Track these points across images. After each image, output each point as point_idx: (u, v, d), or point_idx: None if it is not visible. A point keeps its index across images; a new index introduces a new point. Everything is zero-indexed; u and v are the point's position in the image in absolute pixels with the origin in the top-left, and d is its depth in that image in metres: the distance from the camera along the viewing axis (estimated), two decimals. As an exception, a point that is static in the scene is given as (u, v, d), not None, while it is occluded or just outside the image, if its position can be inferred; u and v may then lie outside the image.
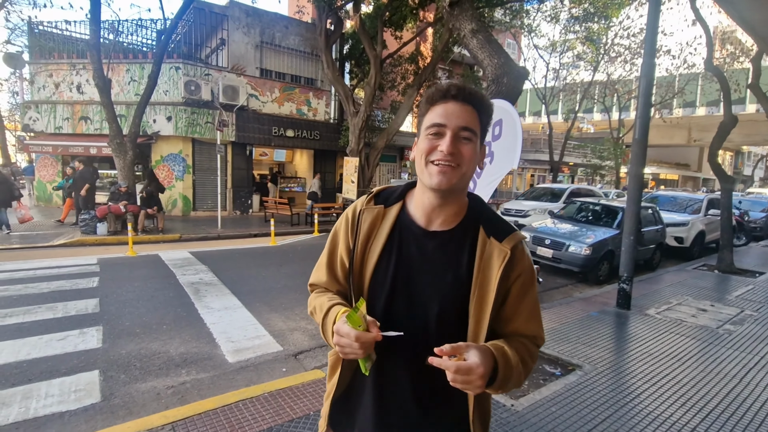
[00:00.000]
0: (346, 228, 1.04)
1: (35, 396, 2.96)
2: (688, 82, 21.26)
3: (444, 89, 0.91)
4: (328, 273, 1.07)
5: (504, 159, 2.30)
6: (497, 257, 0.93)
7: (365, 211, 1.02)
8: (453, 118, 0.89)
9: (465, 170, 0.91)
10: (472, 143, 0.90)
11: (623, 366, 3.64)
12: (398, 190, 1.04)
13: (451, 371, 0.79)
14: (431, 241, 0.96)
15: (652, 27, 4.90)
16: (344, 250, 1.03)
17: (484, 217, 0.99)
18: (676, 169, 38.69)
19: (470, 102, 0.90)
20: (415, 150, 0.96)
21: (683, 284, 6.73)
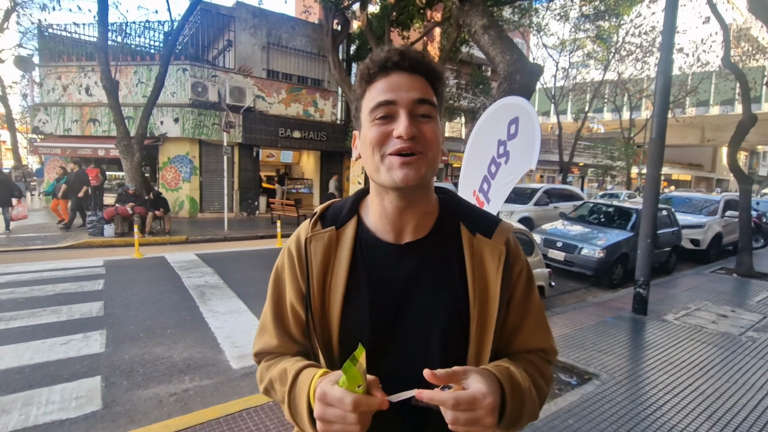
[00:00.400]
0: (291, 268, 0.79)
1: (36, 403, 2.89)
2: (702, 80, 20.87)
3: (382, 58, 0.70)
4: (278, 333, 0.80)
5: (521, 159, 2.18)
6: (492, 256, 0.75)
7: (313, 240, 0.77)
8: (403, 91, 0.68)
9: (432, 157, 0.70)
10: (433, 120, 0.70)
11: (642, 375, 3.48)
12: (347, 204, 0.81)
13: (449, 407, 0.57)
14: (408, 256, 0.75)
15: (670, 22, 4.73)
16: (295, 298, 0.78)
17: (462, 211, 0.80)
18: (689, 169, 38.04)
19: (419, 70, 0.71)
20: (359, 146, 0.74)
21: (701, 288, 6.51)
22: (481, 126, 2.48)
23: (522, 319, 0.79)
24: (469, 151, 2.60)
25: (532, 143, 2.09)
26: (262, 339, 0.83)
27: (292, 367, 0.73)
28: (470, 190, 2.52)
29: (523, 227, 5.18)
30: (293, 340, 0.81)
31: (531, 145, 2.09)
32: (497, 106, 2.35)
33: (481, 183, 2.43)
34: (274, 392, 0.78)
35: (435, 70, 0.73)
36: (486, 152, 2.39)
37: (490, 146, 2.36)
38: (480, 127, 2.49)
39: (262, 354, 0.84)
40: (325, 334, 0.75)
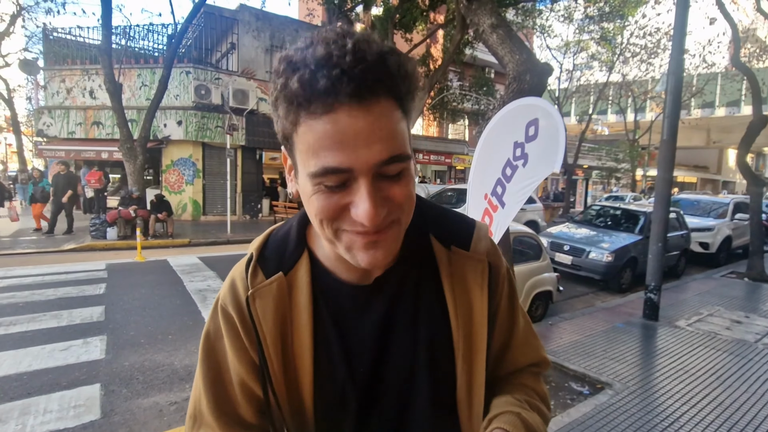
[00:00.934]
0: (234, 337, 0.60)
1: (33, 412, 2.82)
2: (708, 81, 20.72)
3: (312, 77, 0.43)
4: (222, 422, 0.60)
5: (541, 162, 2.08)
6: (473, 272, 0.62)
7: (257, 297, 0.58)
8: (360, 147, 0.44)
9: (407, 219, 0.52)
10: (406, 174, 0.49)
11: (657, 384, 3.37)
12: (291, 236, 0.62)
13: None
14: (379, 297, 0.59)
15: (681, 22, 4.64)
16: (246, 373, 0.60)
17: (429, 218, 0.63)
18: (694, 171, 37.76)
19: (381, 89, 0.44)
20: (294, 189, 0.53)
21: (712, 293, 6.38)
22: (493, 128, 2.39)
23: (510, 335, 0.69)
24: (480, 153, 2.51)
25: (555, 146, 1.99)
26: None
27: None
28: (481, 193, 2.44)
29: (531, 230, 5.08)
30: (243, 425, 0.61)
31: (554, 147, 2.00)
32: (512, 107, 2.27)
33: (495, 186, 2.34)
34: None
35: (406, 79, 0.47)
36: (500, 155, 2.31)
37: (505, 148, 2.27)
38: (492, 129, 2.40)
39: None
40: (295, 412, 0.60)
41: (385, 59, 0.44)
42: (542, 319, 4.95)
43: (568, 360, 3.73)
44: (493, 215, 2.47)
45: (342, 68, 0.42)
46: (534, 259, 4.87)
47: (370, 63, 0.43)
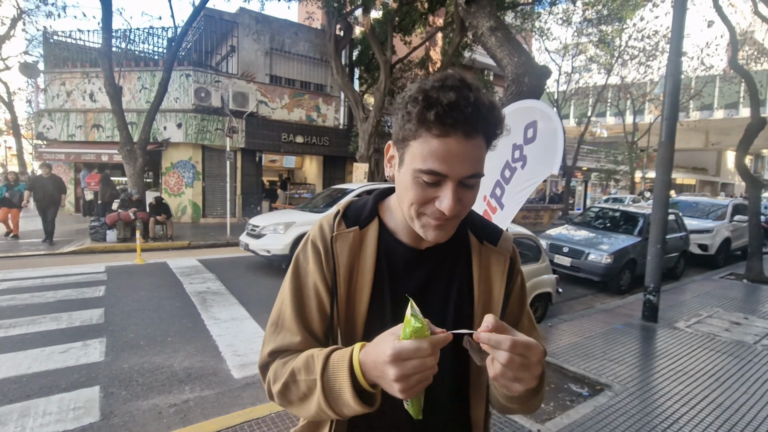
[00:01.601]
0: (318, 263, 0.79)
1: (33, 414, 2.81)
2: (706, 84, 20.79)
3: (444, 114, 0.63)
4: (301, 328, 0.77)
5: (540, 164, 2.09)
6: (497, 263, 0.82)
7: (339, 239, 0.79)
8: (457, 164, 0.65)
9: (465, 215, 0.74)
10: (477, 185, 0.71)
11: (656, 386, 3.37)
12: (368, 205, 0.83)
13: (507, 347, 0.58)
14: (426, 261, 0.80)
15: (678, 24, 4.66)
16: (324, 290, 0.78)
17: (470, 220, 0.85)
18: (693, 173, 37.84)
19: (480, 131, 0.66)
20: (396, 176, 0.73)
21: (711, 295, 6.39)
22: (490, 129, 2.41)
23: (516, 322, 0.85)
24: (478, 155, 2.53)
25: (553, 148, 2.00)
26: (280, 336, 0.78)
27: (320, 353, 0.70)
28: (480, 195, 2.45)
29: (530, 232, 5.09)
30: (315, 337, 0.78)
31: (552, 149, 2.01)
32: (511, 109, 2.28)
33: (493, 188, 2.35)
34: (295, 386, 0.72)
35: (498, 127, 0.69)
36: (498, 157, 2.32)
37: (504, 150, 2.28)
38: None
39: (280, 352, 0.78)
40: (348, 330, 0.77)
41: (489, 112, 0.66)
42: (542, 320, 4.95)
43: (567, 361, 3.73)
44: (492, 217, 2.48)
45: (465, 115, 0.63)
46: (533, 260, 4.87)
47: (481, 115, 0.65)
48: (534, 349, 0.61)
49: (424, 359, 0.59)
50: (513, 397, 0.70)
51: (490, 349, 0.60)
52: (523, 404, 0.74)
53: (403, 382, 0.59)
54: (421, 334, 0.59)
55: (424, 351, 0.58)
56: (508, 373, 0.60)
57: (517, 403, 0.73)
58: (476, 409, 0.83)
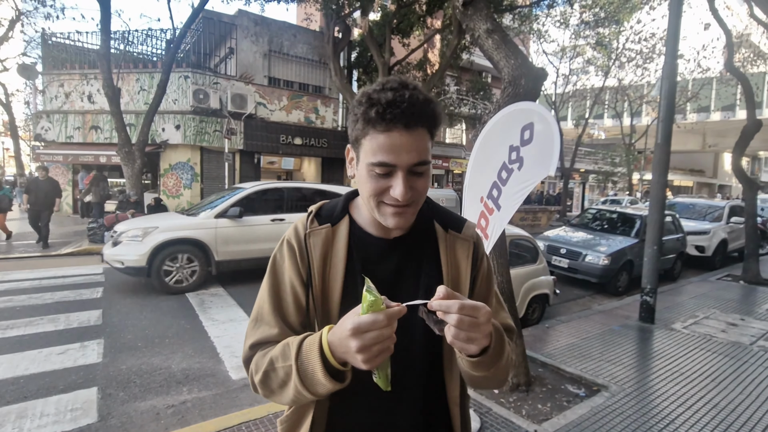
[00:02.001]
0: (293, 260, 0.86)
1: (30, 415, 2.81)
2: (703, 86, 20.90)
3: (384, 111, 0.71)
4: (278, 321, 0.84)
5: (536, 165, 2.11)
6: (462, 248, 0.89)
7: (312, 235, 0.86)
8: (403, 154, 0.73)
9: (421, 203, 0.82)
10: (426, 172, 0.78)
11: (653, 387, 3.39)
12: (339, 204, 0.91)
13: (456, 309, 0.65)
14: (395, 250, 0.87)
15: (674, 27, 4.70)
16: (298, 283, 0.85)
17: (435, 212, 0.93)
18: (690, 175, 37.99)
19: (421, 123, 0.74)
20: (356, 174, 0.81)
21: (708, 296, 6.42)
22: (489, 131, 2.42)
23: (484, 299, 0.89)
24: (476, 156, 2.54)
25: (549, 149, 2.02)
26: (260, 330, 0.84)
27: (294, 340, 0.76)
28: (477, 196, 2.46)
29: (527, 234, 5.11)
30: (292, 328, 0.84)
31: (548, 151, 2.02)
32: (508, 111, 2.30)
33: (490, 189, 2.37)
34: (274, 374, 0.78)
35: (436, 119, 0.77)
36: (495, 158, 2.33)
37: (501, 152, 2.30)
38: (488, 133, 2.43)
39: (260, 344, 0.84)
40: (325, 319, 0.83)
41: (425, 106, 0.74)
42: (539, 322, 4.97)
43: (564, 362, 3.74)
44: (489, 218, 2.50)
45: (402, 110, 0.71)
46: (531, 262, 4.89)
47: (417, 108, 0.72)
48: (481, 309, 0.67)
49: (381, 330, 0.64)
50: (475, 364, 0.73)
51: (443, 315, 0.66)
52: (486, 371, 0.76)
53: (365, 353, 0.64)
54: (376, 308, 0.64)
55: (381, 322, 0.64)
56: (460, 334, 0.66)
57: (481, 369, 0.75)
58: (451, 388, 0.88)
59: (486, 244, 2.55)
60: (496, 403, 3.00)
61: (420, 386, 0.85)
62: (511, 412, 2.90)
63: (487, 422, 2.79)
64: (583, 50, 19.06)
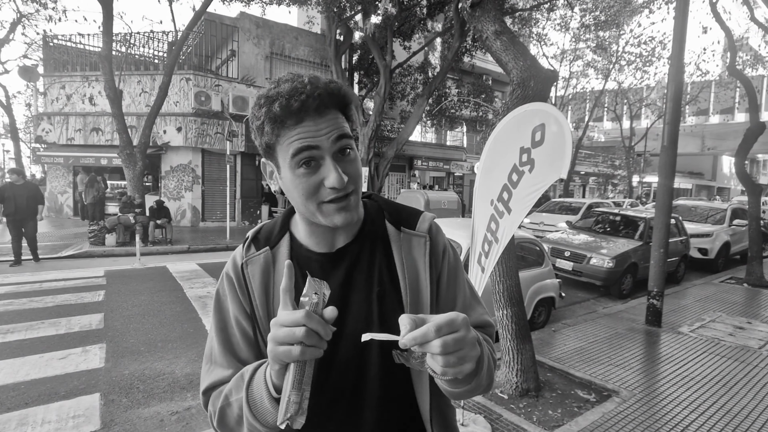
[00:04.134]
0: (232, 293, 0.79)
1: (31, 422, 2.76)
2: (702, 89, 20.95)
3: (287, 102, 0.65)
4: (230, 361, 0.77)
5: (547, 167, 2.07)
6: (417, 246, 0.80)
7: (249, 264, 0.79)
8: (322, 135, 0.67)
9: (360, 188, 0.74)
10: (353, 151, 0.71)
11: (664, 392, 3.34)
12: (277, 224, 0.84)
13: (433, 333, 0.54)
14: (341, 262, 0.78)
15: (680, 28, 4.68)
16: (242, 317, 0.78)
17: (386, 210, 0.84)
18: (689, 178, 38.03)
19: (331, 105, 0.68)
20: (281, 183, 0.73)
21: (712, 299, 6.38)
22: (499, 133, 2.39)
23: (453, 297, 0.82)
24: (486, 159, 2.51)
25: (561, 151, 1.98)
26: (213, 373, 0.78)
27: (248, 369, 0.70)
28: (487, 199, 2.43)
29: (533, 237, 5.07)
30: (242, 362, 0.77)
31: (560, 153, 1.99)
32: (518, 112, 2.27)
33: (501, 192, 2.33)
34: (229, 409, 0.71)
35: (345, 97, 0.70)
36: (506, 160, 2.30)
37: (511, 154, 2.26)
38: (498, 135, 2.40)
39: (214, 388, 0.77)
40: None
41: (329, 85, 0.68)
42: (545, 325, 4.92)
43: (573, 367, 3.70)
44: (500, 221, 2.46)
45: (306, 94, 0.65)
46: (537, 265, 4.85)
47: (322, 89, 0.66)
48: (456, 320, 0.57)
49: (293, 328, 0.56)
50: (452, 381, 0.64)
51: (422, 347, 0.56)
52: (467, 384, 0.67)
53: (271, 345, 0.58)
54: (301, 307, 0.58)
55: (297, 320, 0.56)
56: (450, 359, 0.56)
57: (462, 385, 0.66)
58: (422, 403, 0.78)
59: (495, 248, 2.52)
60: (506, 409, 2.96)
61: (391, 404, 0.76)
62: (522, 418, 2.85)
63: (498, 429, 2.74)
64: (583, 53, 19.10)
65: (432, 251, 0.80)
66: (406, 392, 0.77)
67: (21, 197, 6.81)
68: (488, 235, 2.47)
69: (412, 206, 0.88)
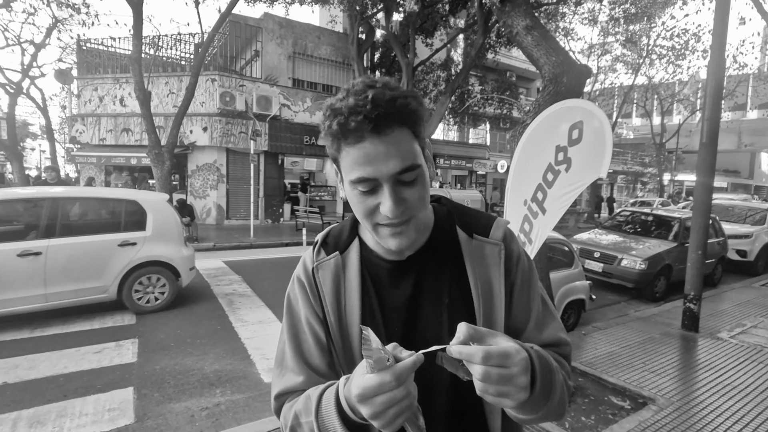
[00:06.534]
0: (304, 297, 0.79)
1: (69, 414, 2.86)
2: (739, 83, 19.95)
3: (345, 121, 0.62)
4: (302, 367, 0.76)
5: (586, 167, 1.99)
6: (491, 254, 0.76)
7: (320, 268, 0.78)
8: (381, 165, 0.63)
9: (421, 215, 0.70)
10: (419, 178, 0.67)
11: (703, 400, 3.18)
12: (347, 227, 0.82)
13: (479, 360, 0.52)
14: (411, 271, 0.76)
15: (721, 19, 4.44)
16: (315, 321, 0.77)
17: (457, 215, 0.81)
18: (724, 176, 36.34)
19: (394, 123, 0.63)
20: (344, 196, 0.72)
21: (753, 303, 6.06)
22: (533, 131, 2.31)
23: (525, 310, 0.77)
24: (519, 158, 2.43)
25: (601, 150, 1.90)
26: (284, 378, 0.78)
27: (314, 392, 0.69)
28: (521, 199, 2.36)
29: (563, 237, 4.93)
30: (318, 373, 0.77)
31: (600, 151, 1.90)
32: (554, 110, 2.19)
33: (535, 192, 2.25)
34: (300, 430, 0.70)
35: (412, 114, 0.65)
36: (540, 159, 2.22)
37: (546, 153, 2.19)
38: (532, 134, 2.32)
39: (286, 395, 0.78)
40: (347, 358, 0.76)
41: (393, 101, 0.62)
42: (575, 328, 4.78)
43: (605, 372, 3.57)
44: (533, 222, 2.38)
45: (364, 114, 0.61)
46: (566, 266, 4.72)
47: (383, 108, 0.61)
48: (513, 356, 0.54)
49: (392, 392, 0.53)
50: (518, 408, 0.60)
51: (466, 363, 0.54)
52: (534, 413, 0.62)
53: (380, 419, 0.55)
54: (381, 365, 0.54)
55: (388, 384, 0.53)
56: (489, 389, 0.54)
57: (528, 412, 0.62)
58: (493, 420, 0.75)
59: (529, 250, 2.44)
60: (536, 415, 2.87)
61: (459, 422, 0.74)
62: (555, 425, 2.77)
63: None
64: (611, 47, 18.48)
65: (507, 260, 0.76)
66: (476, 407, 0.74)
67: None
68: (521, 236, 2.39)
69: None
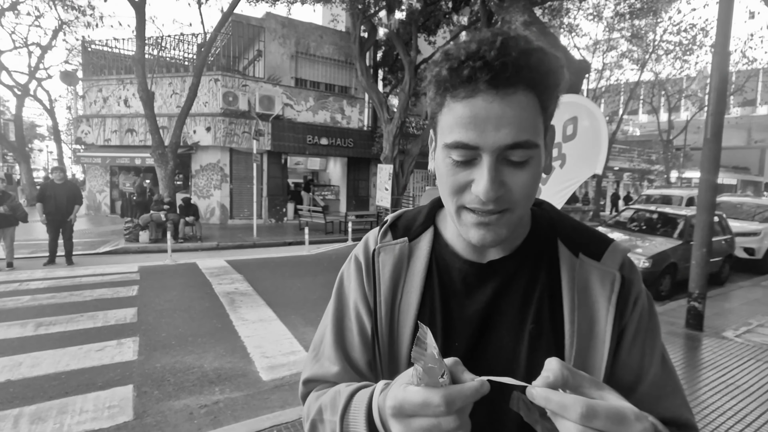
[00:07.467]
0: (358, 278, 0.68)
1: (70, 411, 2.89)
2: (748, 78, 19.68)
3: (460, 66, 0.49)
4: (339, 358, 0.66)
5: (580, 163, 1.96)
6: (601, 284, 0.59)
7: (382, 251, 0.66)
8: (490, 131, 0.49)
9: (520, 212, 0.55)
10: (532, 162, 0.52)
11: (707, 400, 3.14)
12: (422, 213, 0.70)
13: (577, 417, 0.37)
14: (490, 279, 0.62)
15: (725, 14, 4.37)
16: (364, 309, 0.66)
17: (560, 226, 0.65)
18: (734, 172, 35.88)
19: (518, 81, 0.48)
20: (434, 167, 0.59)
21: (760, 302, 5.97)
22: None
23: (638, 366, 0.59)
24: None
25: (596, 146, 1.87)
26: (318, 364, 0.68)
27: (345, 390, 0.57)
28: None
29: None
30: (355, 368, 0.66)
31: (595, 148, 1.87)
32: (549, 105, 2.16)
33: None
34: (321, 426, 0.61)
35: (550, 75, 0.50)
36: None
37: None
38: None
39: (315, 382, 0.68)
40: (392, 360, 0.63)
41: (528, 55, 0.49)
42: (576, 327, 4.74)
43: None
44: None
45: (485, 60, 0.48)
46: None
47: (511, 57, 0.48)
48: (629, 423, 0.37)
49: (437, 419, 0.40)
50: None
51: (553, 416, 0.39)
52: None
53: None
54: (432, 379, 0.41)
55: (435, 407, 0.40)
56: None
57: None
58: None
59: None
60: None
61: None
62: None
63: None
64: (617, 43, 18.30)
65: (622, 295, 0.59)
66: None
67: (61, 196, 6.83)
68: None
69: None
